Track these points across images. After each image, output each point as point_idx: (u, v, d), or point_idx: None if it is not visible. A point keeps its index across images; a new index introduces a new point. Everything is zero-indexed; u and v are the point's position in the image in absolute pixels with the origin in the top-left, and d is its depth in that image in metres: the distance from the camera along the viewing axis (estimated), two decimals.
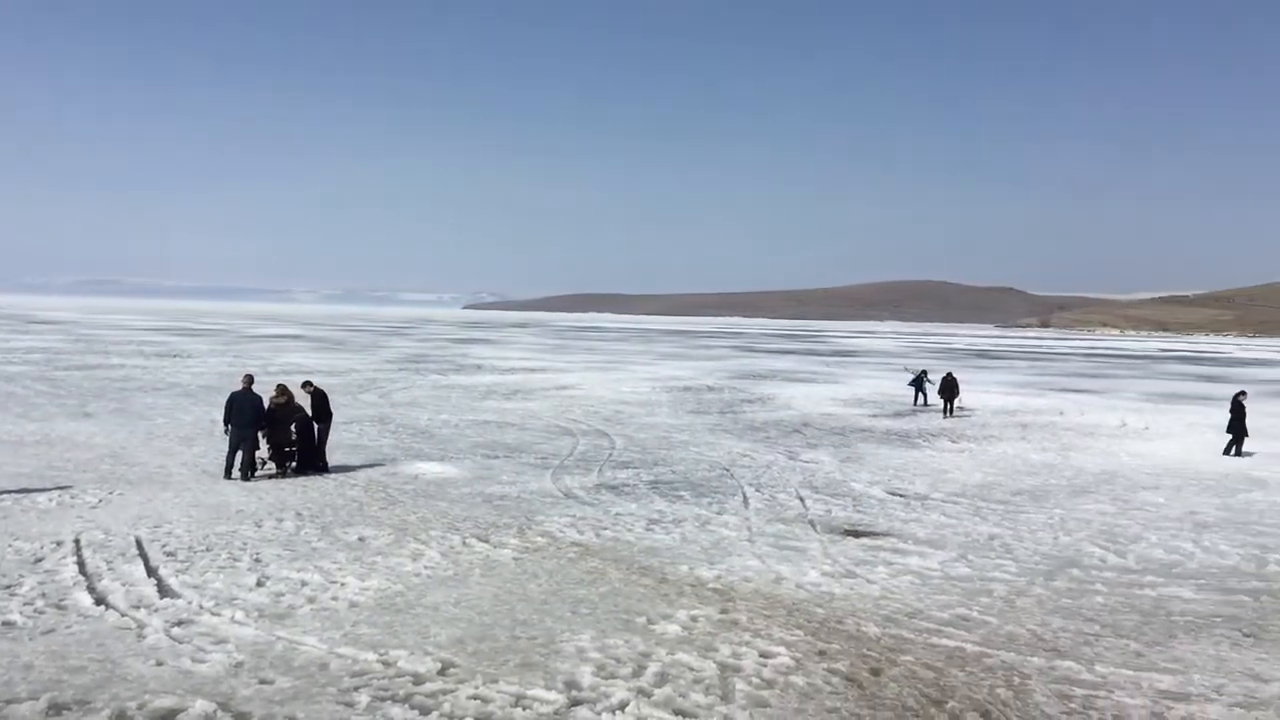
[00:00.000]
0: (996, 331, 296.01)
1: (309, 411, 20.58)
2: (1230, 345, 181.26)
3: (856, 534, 16.06)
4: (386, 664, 9.60)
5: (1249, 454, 26.14)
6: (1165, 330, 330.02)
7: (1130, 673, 9.98)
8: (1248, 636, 11.33)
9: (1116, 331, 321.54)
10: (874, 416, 34.69)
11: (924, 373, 39.93)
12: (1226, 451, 26.25)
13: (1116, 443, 28.62)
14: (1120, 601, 12.61)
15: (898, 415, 35.20)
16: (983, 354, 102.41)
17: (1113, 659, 10.39)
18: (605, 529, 15.84)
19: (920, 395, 38.74)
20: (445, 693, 8.94)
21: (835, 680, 9.52)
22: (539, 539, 15.03)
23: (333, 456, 21.39)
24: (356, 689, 8.96)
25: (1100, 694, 9.38)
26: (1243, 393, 27.79)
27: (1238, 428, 26.35)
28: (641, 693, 9.04)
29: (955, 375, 36.31)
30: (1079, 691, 9.42)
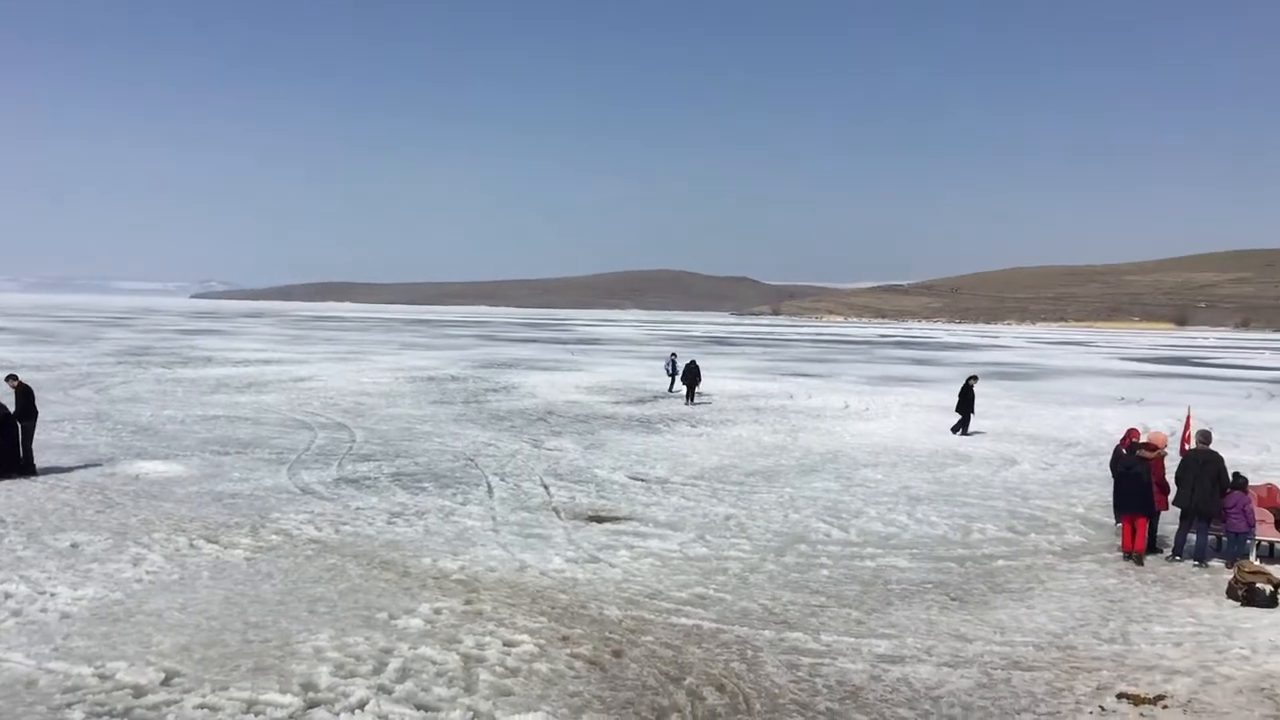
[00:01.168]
0: (733, 319, 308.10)
1: (10, 409, 18.90)
2: (939, 331, 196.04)
3: (600, 519, 16.33)
4: (103, 677, 8.96)
5: (975, 433, 28.17)
6: (883, 317, 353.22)
7: (852, 640, 10.65)
8: (954, 600, 12.30)
9: (841, 318, 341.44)
10: (617, 403, 35.35)
11: (674, 355, 41.03)
12: (955, 430, 28.21)
13: (840, 424, 30.38)
14: (843, 573, 13.42)
15: (640, 402, 36.01)
16: (720, 341, 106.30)
17: (836, 628, 11.05)
18: (345, 524, 15.40)
19: (675, 379, 39.58)
20: (169, 704, 8.44)
21: (578, 664, 9.66)
22: (274, 537, 14.43)
23: (41, 457, 19.74)
24: (69, 705, 8.33)
25: (825, 661, 9.95)
26: (974, 377, 30.09)
27: (966, 408, 28.43)
28: (382, 690, 8.86)
29: (697, 363, 37.49)
30: (806, 660, 9.97)
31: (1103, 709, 8.87)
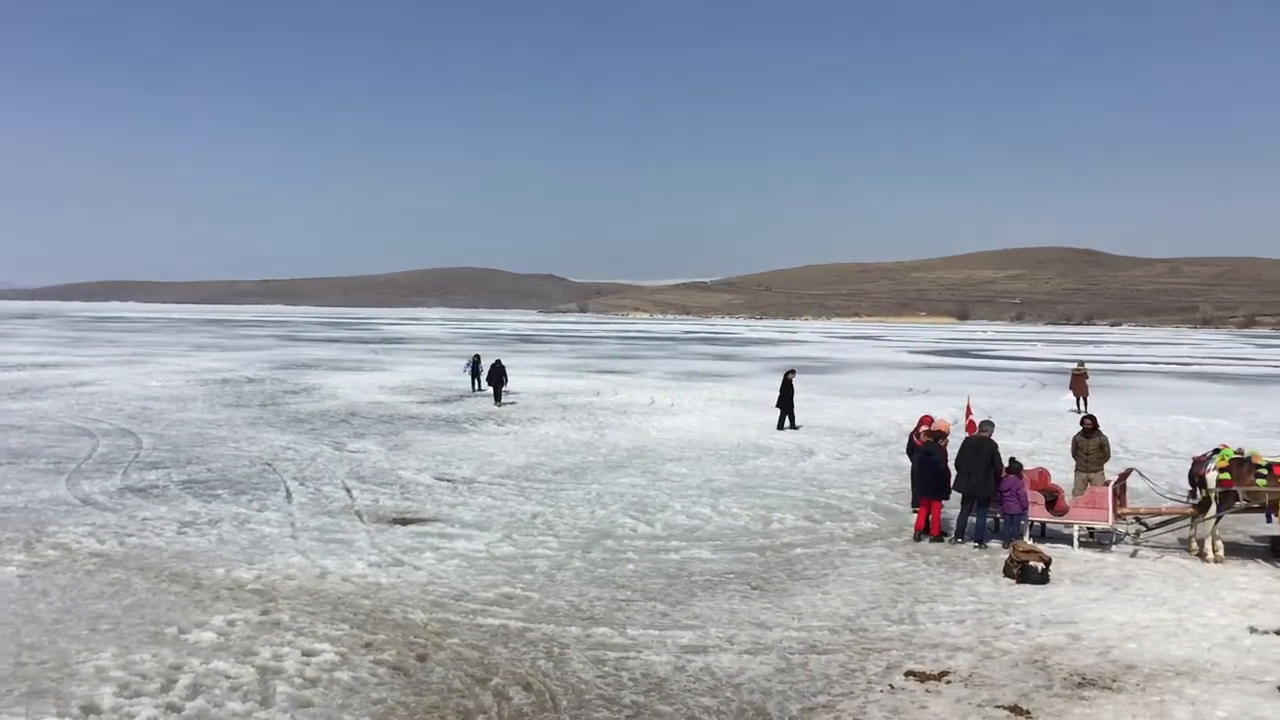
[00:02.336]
0: (539, 316, 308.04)
1: None
2: (741, 327, 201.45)
3: (404, 521, 16.05)
4: None
5: (790, 426, 28.91)
6: (687, 313, 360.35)
7: (657, 632, 10.82)
8: (755, 589, 12.67)
9: (646, 315, 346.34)
10: (422, 403, 34.80)
11: (477, 358, 40.50)
12: (781, 425, 28.79)
13: (646, 419, 30.81)
14: (649, 567, 13.62)
15: (446, 401, 35.56)
16: (526, 338, 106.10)
17: (642, 621, 11.21)
18: (130, 536, 14.60)
19: (476, 381, 39.19)
20: None
21: (382, 671, 9.46)
22: (50, 552, 13.55)
23: None
24: None
25: (631, 655, 10.09)
26: (792, 371, 30.93)
27: (786, 402, 29.16)
28: (171, 708, 8.46)
29: (503, 362, 37.23)
30: (612, 655, 10.07)
31: (892, 687, 9.31)
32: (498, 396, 34.72)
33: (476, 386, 38.89)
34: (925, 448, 16.09)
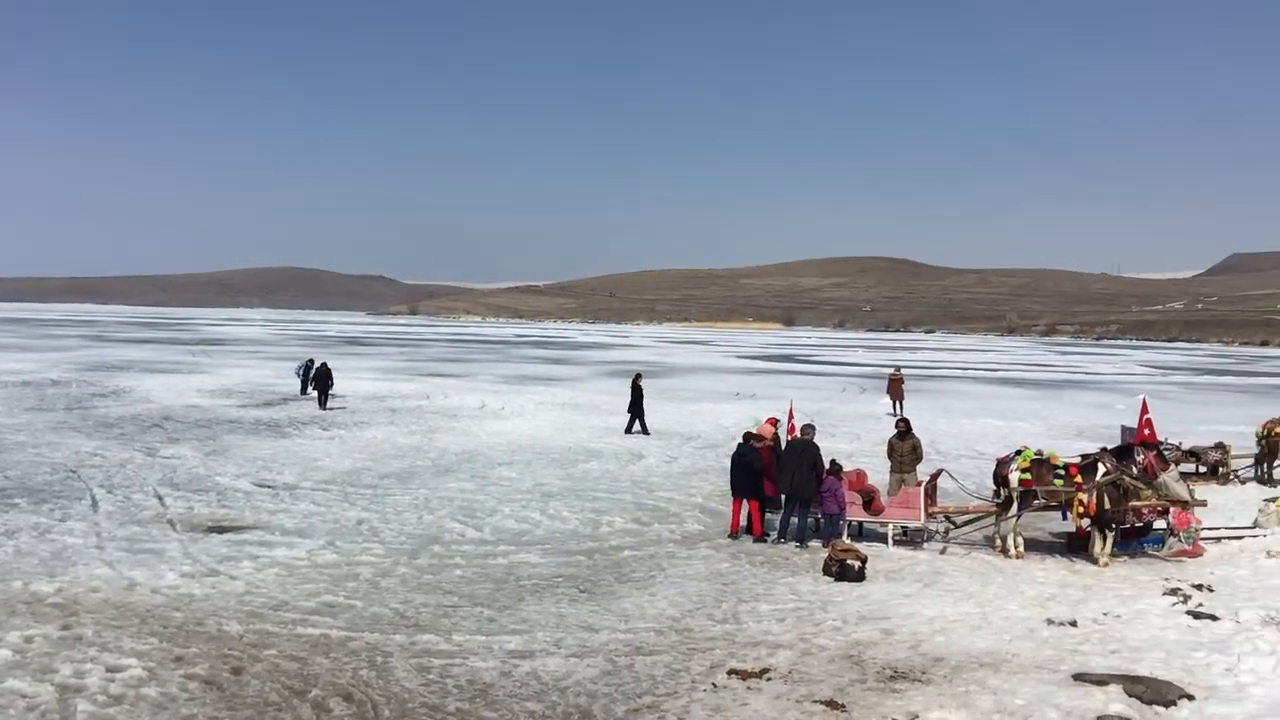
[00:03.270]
0: (368, 318, 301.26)
1: None
2: (573, 331, 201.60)
3: (221, 530, 15.45)
4: None
5: (650, 432, 28.81)
6: (520, 317, 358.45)
7: (484, 638, 10.74)
8: (583, 592, 12.73)
9: (479, 318, 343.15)
10: (243, 407, 33.58)
11: (311, 361, 38.80)
12: (629, 429, 28.81)
13: (477, 423, 30.55)
14: (477, 572, 13.51)
15: (268, 405, 34.42)
16: (354, 341, 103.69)
17: (468, 627, 11.11)
18: None
19: (307, 384, 37.46)
20: None
21: (193, 686, 9.09)
22: None
23: None
24: None
25: (456, 661, 9.98)
26: (639, 375, 31.07)
27: (636, 407, 29.24)
28: None
29: (329, 365, 36.09)
30: (437, 662, 9.94)
31: (715, 686, 9.50)
32: (323, 401, 33.64)
33: (305, 390, 37.58)
34: (739, 449, 16.59)
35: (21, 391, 36.48)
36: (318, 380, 34.33)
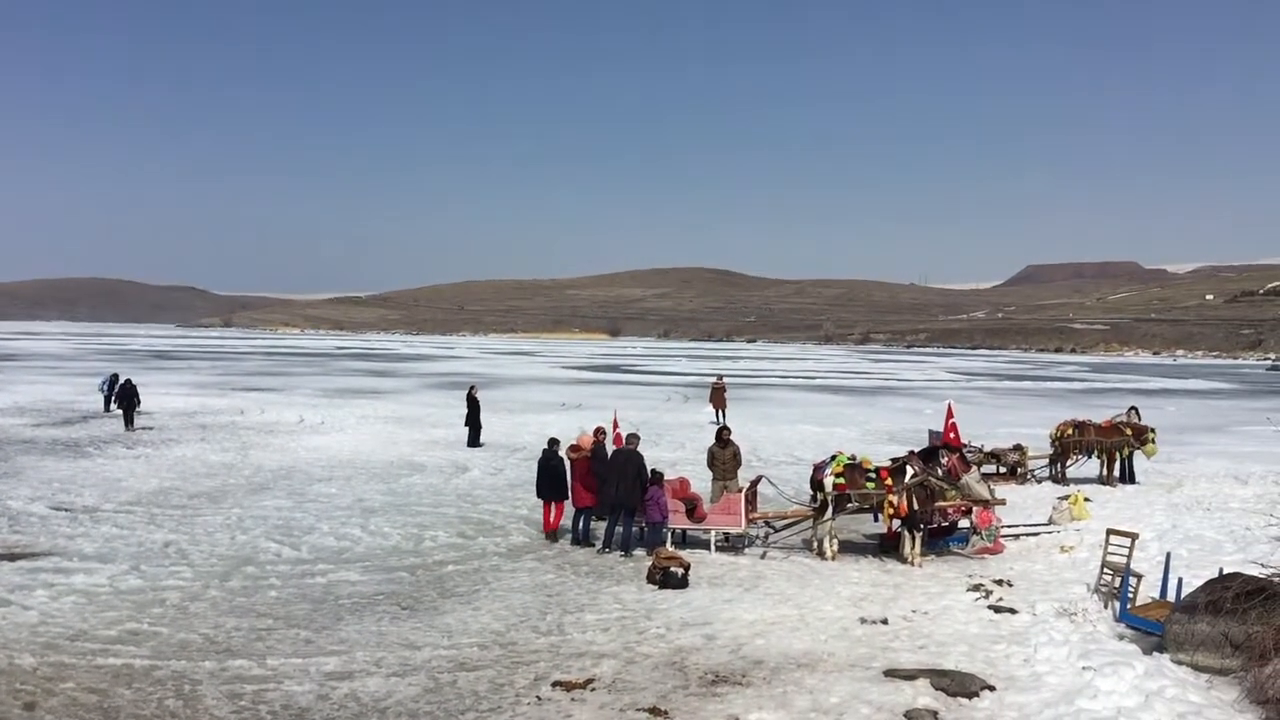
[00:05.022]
0: (178, 331, 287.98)
1: None
2: (397, 343, 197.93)
3: (12, 557, 14.48)
4: None
5: (484, 444, 28.56)
6: (341, 329, 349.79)
7: (300, 660, 10.40)
8: (405, 609, 12.48)
9: (298, 330, 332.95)
10: (38, 426, 31.59)
11: (115, 376, 36.46)
12: (471, 443, 28.34)
13: (295, 438, 29.59)
14: (293, 593, 13.08)
15: (67, 423, 32.49)
16: (163, 355, 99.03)
17: (284, 650, 10.74)
18: None
19: (111, 402, 35.16)
20: None
21: None
22: None
23: None
24: None
25: (270, 686, 9.63)
26: (474, 386, 30.55)
27: (474, 419, 28.75)
28: None
29: (134, 381, 34.03)
30: (250, 688, 9.57)
31: (539, 698, 9.46)
32: (129, 420, 31.56)
33: (109, 408, 35.40)
34: (544, 454, 17.13)
35: None
36: (122, 398, 32.22)
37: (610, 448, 17.70)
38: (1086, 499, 18.79)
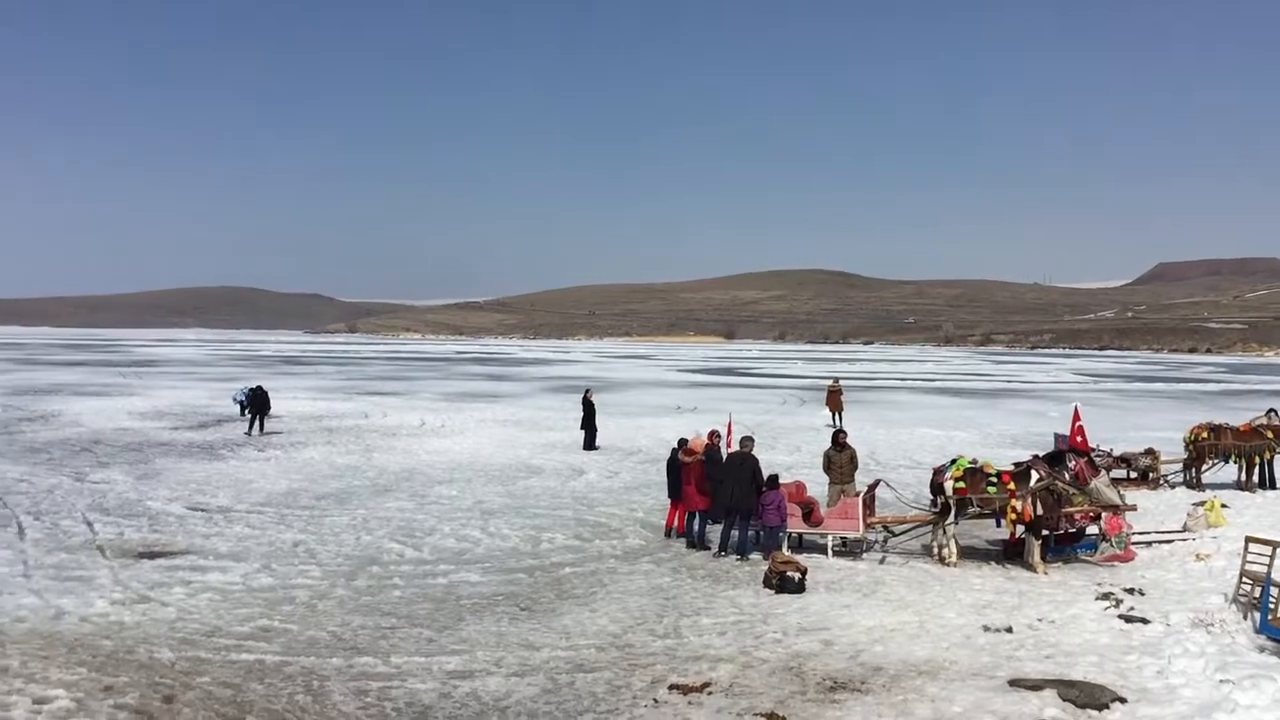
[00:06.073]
0: (306, 337, 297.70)
1: None
2: (515, 347, 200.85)
3: (152, 555, 15.14)
4: None
5: (600, 447, 28.87)
6: (460, 334, 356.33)
7: (423, 659, 10.63)
8: (524, 610, 12.65)
9: (418, 335, 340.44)
10: (176, 429, 32.98)
11: (257, 388, 36.88)
12: (587, 446, 28.70)
13: (416, 441, 30.28)
14: (416, 592, 13.38)
15: (202, 427, 33.84)
16: (291, 360, 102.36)
17: (407, 648, 10.98)
18: None
19: (245, 408, 35.58)
20: None
21: (123, 716, 8.88)
22: None
23: None
24: None
25: (394, 684, 9.86)
26: (590, 390, 30.97)
27: (589, 422, 29.13)
28: None
29: (265, 388, 34.77)
30: (375, 685, 9.82)
31: (656, 701, 9.48)
32: (260, 424, 32.15)
33: (244, 414, 35.77)
34: (673, 454, 17.32)
35: None
36: (254, 403, 33.18)
37: (725, 451, 17.65)
38: (1223, 505, 18.00)
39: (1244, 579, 12.45)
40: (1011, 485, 15.24)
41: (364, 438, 31.05)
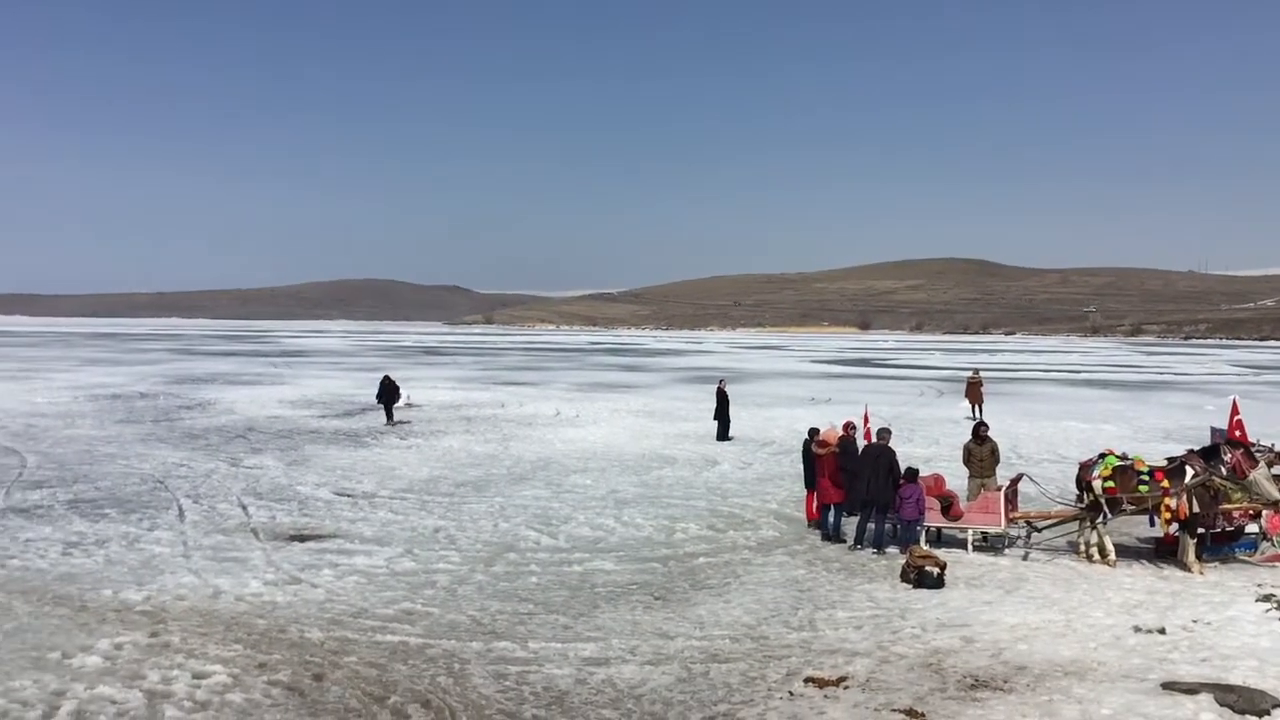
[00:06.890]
0: (444, 328, 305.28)
1: None
2: (648, 338, 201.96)
3: (302, 538, 15.73)
4: None
5: (733, 438, 28.94)
6: (594, 325, 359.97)
7: (559, 645, 10.77)
8: (658, 599, 12.70)
9: (552, 326, 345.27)
10: (323, 417, 34.19)
11: (386, 377, 37.61)
12: (721, 437, 28.79)
13: (551, 431, 30.71)
14: (552, 579, 13.57)
15: (348, 415, 35.00)
16: (431, 350, 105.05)
17: (544, 634, 11.15)
18: (12, 558, 14.06)
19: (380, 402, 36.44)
20: None
21: (276, 692, 9.25)
22: None
23: None
24: None
25: (532, 669, 10.03)
26: (723, 381, 31.09)
27: (723, 413, 29.26)
28: None
29: (391, 377, 35.31)
30: (514, 669, 10.00)
31: (791, 694, 9.41)
32: (389, 414, 32.74)
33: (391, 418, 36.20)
34: (804, 444, 17.38)
35: (111, 404, 37.58)
36: (384, 393, 33.66)
37: (861, 443, 17.38)
38: None
39: None
40: (1165, 483, 14.60)
41: (501, 427, 31.64)
